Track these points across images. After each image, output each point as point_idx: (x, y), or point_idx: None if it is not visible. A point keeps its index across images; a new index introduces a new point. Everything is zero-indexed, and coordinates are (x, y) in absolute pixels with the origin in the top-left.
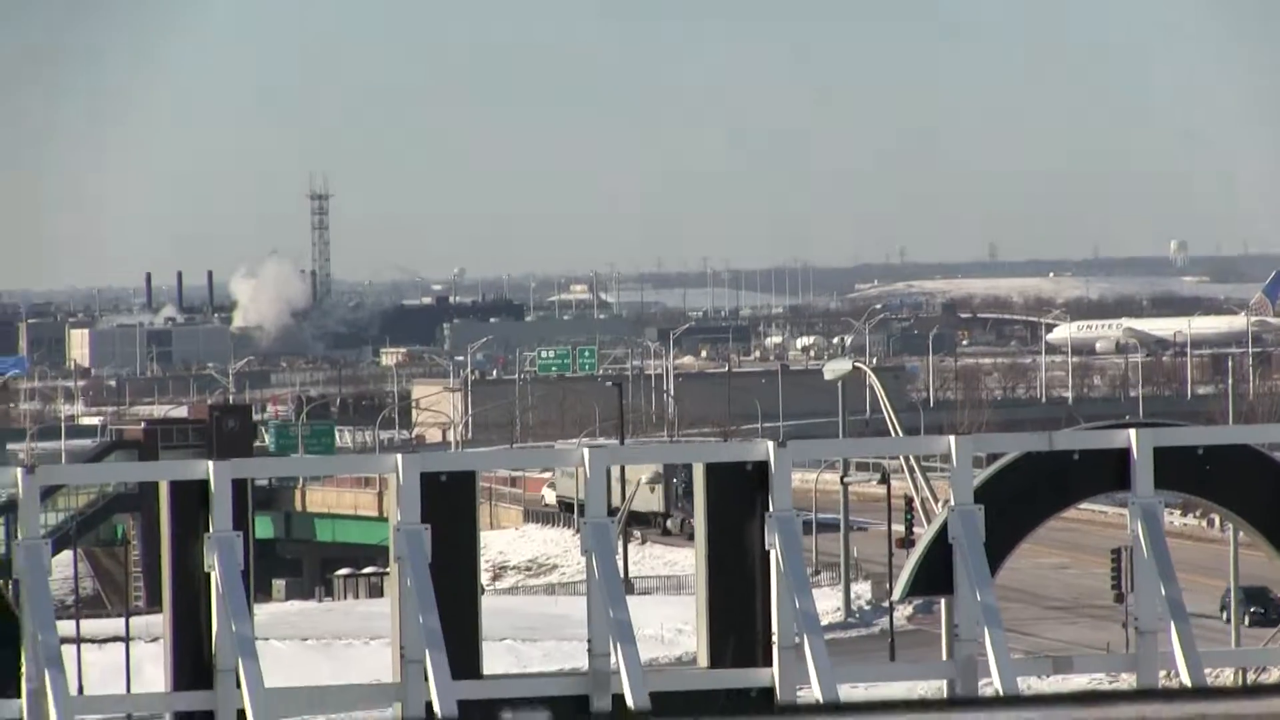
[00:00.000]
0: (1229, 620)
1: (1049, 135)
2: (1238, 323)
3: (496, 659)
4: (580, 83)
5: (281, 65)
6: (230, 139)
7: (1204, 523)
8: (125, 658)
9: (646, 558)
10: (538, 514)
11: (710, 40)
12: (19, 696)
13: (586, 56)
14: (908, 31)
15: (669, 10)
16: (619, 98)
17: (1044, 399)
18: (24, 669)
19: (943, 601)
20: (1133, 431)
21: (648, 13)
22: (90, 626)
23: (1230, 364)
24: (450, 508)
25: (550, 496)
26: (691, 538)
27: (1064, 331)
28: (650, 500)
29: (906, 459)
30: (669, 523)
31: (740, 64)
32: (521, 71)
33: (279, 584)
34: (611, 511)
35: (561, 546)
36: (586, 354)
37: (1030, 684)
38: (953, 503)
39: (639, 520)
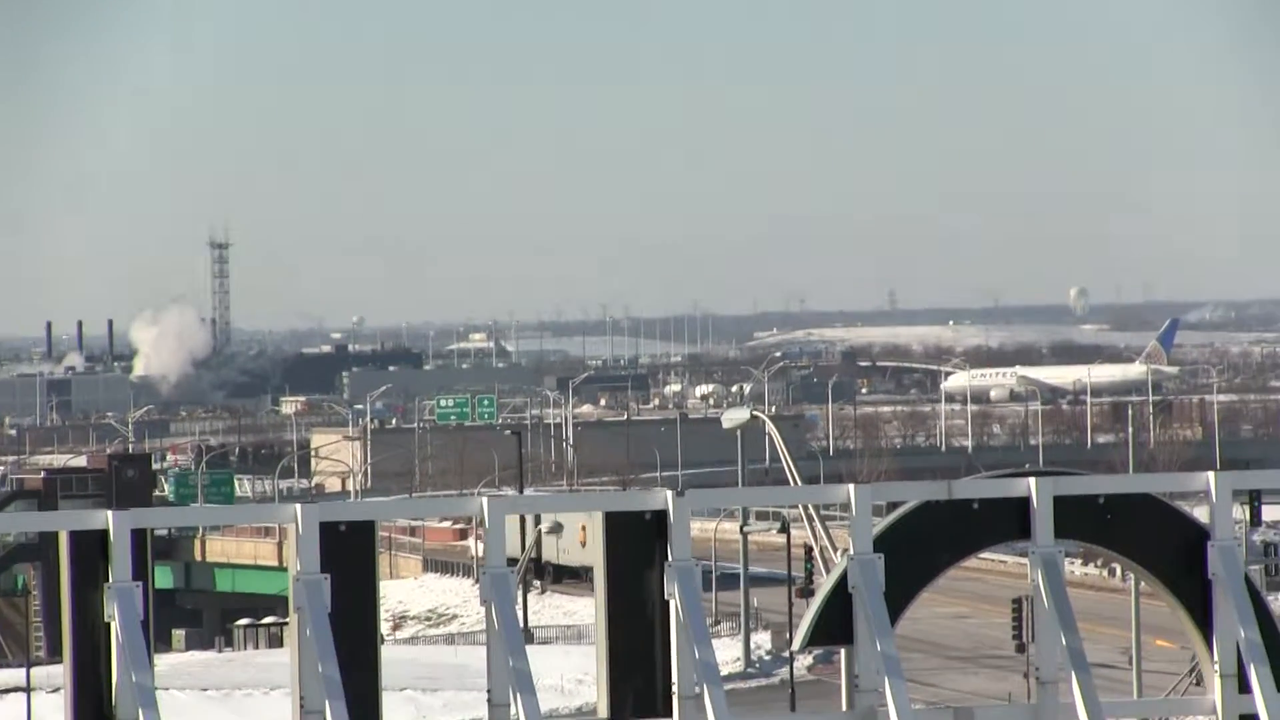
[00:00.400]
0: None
1: (950, 183)
2: (1133, 371)
3: (397, 709)
4: (482, 128)
5: (178, 111)
6: (130, 187)
7: (1105, 572)
8: (27, 708)
9: (546, 607)
10: (437, 563)
11: (612, 87)
12: None
13: (492, 101)
14: (813, 75)
15: (577, 53)
16: (521, 144)
17: (944, 447)
18: None
19: (843, 651)
20: (1033, 480)
21: (551, 56)
22: None
23: (1130, 412)
24: (350, 557)
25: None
26: None
27: (960, 380)
28: (586, 555)
29: (806, 508)
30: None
31: (637, 112)
32: (423, 116)
33: (179, 634)
34: (542, 565)
35: (461, 596)
36: (485, 403)
37: None
38: (852, 551)
39: (571, 575)
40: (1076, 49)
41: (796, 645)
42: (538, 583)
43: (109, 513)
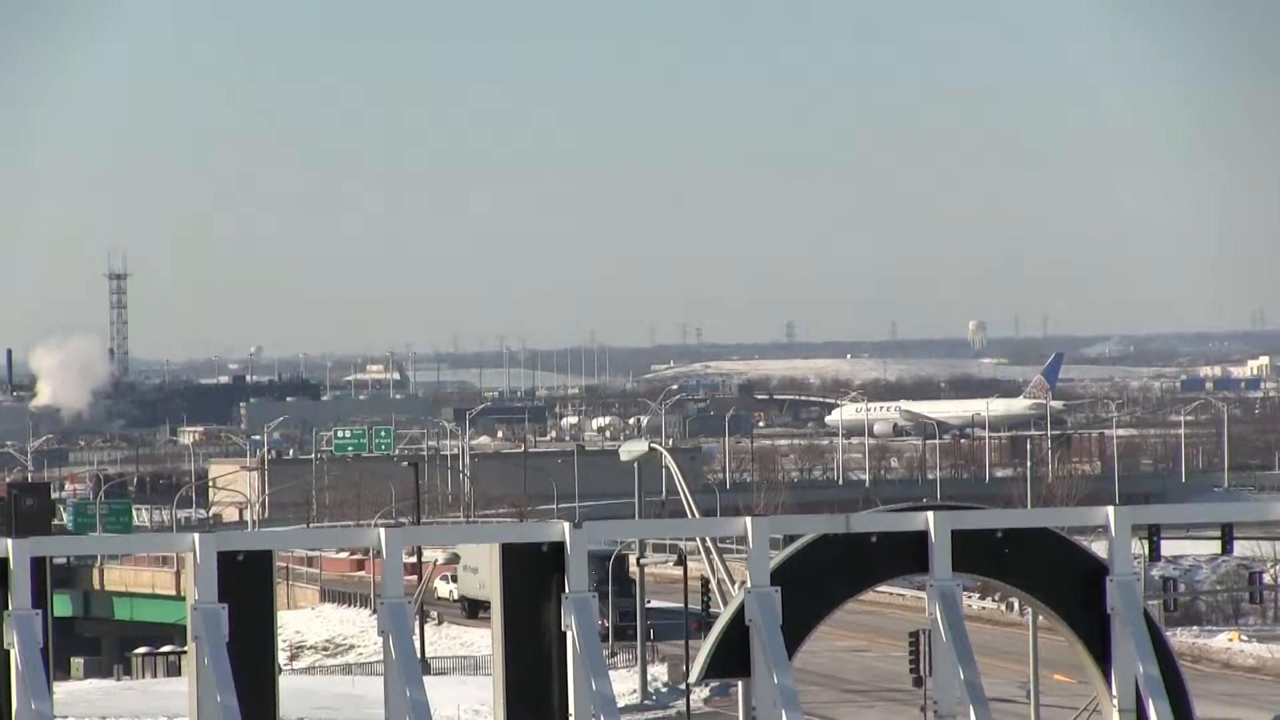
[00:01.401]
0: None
1: (848, 217)
2: (1017, 405)
3: None
4: (378, 159)
5: (72, 139)
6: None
7: (1003, 606)
8: None
9: (443, 638)
10: (334, 593)
11: (515, 115)
12: None
13: (391, 132)
14: (718, 107)
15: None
16: (419, 176)
17: (841, 481)
18: None
19: (740, 684)
20: (930, 514)
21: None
22: None
23: (1029, 447)
24: (248, 587)
25: (444, 590)
26: (603, 639)
27: (845, 413)
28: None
29: (703, 540)
30: None
31: (535, 144)
32: (317, 147)
33: (78, 662)
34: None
35: (358, 626)
36: (383, 434)
37: None
38: (749, 584)
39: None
40: (984, 80)
41: (694, 677)
42: (434, 613)
43: (9, 541)
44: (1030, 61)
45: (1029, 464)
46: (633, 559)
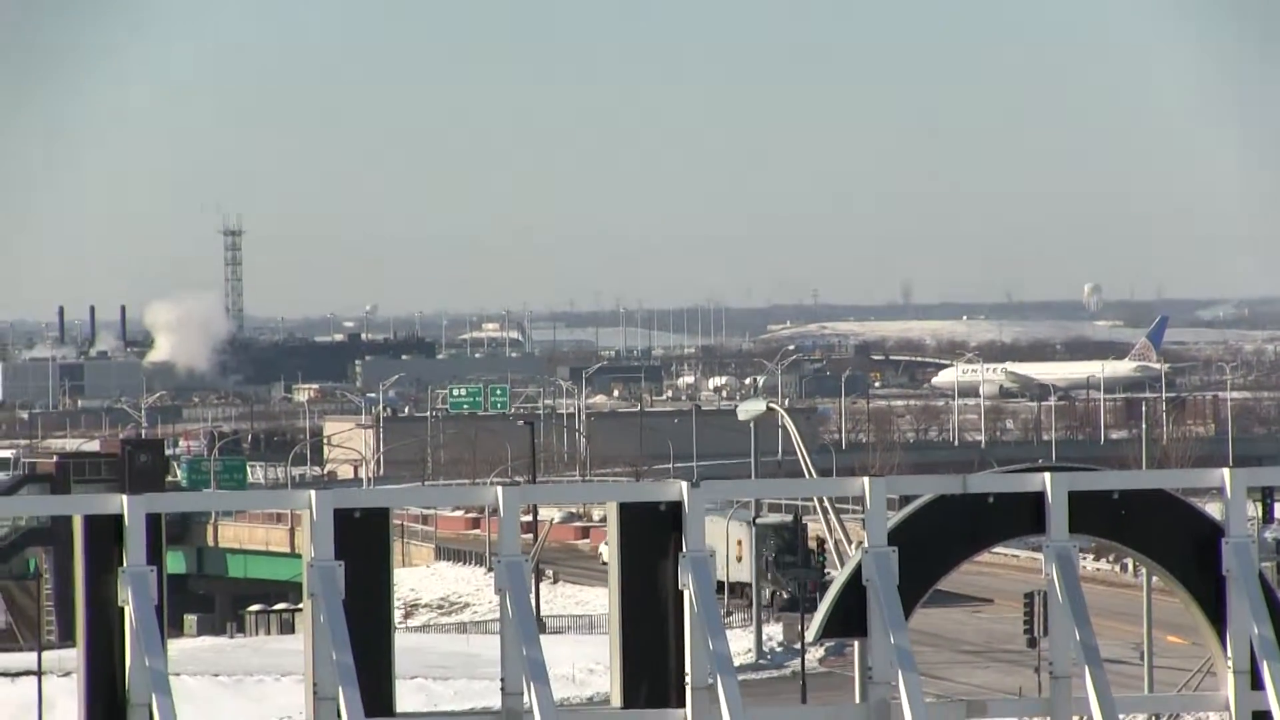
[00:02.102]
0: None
1: (964, 178)
2: (1122, 368)
3: (408, 697)
4: (490, 119)
5: (188, 101)
6: (141, 175)
7: (1117, 568)
8: (38, 692)
9: (558, 597)
10: (449, 551)
11: (622, 85)
12: None
13: (505, 98)
14: (823, 73)
15: (587, 52)
16: (525, 136)
17: (956, 442)
18: None
19: (855, 644)
20: (1047, 475)
21: (562, 56)
22: (3, 660)
23: (1144, 409)
24: (364, 544)
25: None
26: (783, 610)
27: (949, 375)
28: (739, 569)
29: (820, 500)
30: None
31: (647, 109)
32: (429, 107)
33: (191, 619)
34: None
35: (473, 585)
36: (498, 392)
37: None
38: (867, 545)
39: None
40: (1079, 47)
41: (811, 637)
42: (549, 571)
43: (124, 497)
44: (1147, 14)
45: (1144, 426)
46: (813, 528)
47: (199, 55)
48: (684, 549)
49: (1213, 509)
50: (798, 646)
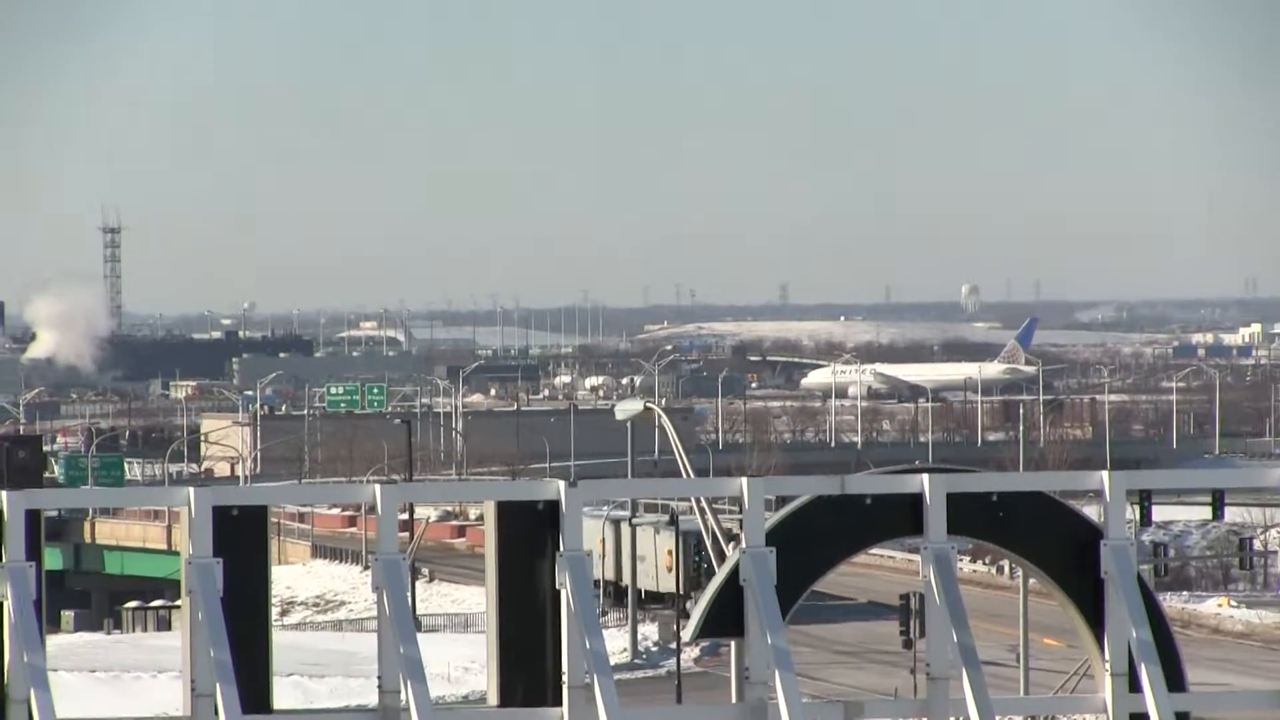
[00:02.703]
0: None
1: (843, 179)
2: (990, 370)
3: (284, 694)
4: (366, 117)
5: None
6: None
7: (994, 569)
8: None
9: (434, 595)
10: (326, 549)
11: (506, 71)
12: None
13: (378, 89)
14: (712, 74)
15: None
16: (419, 135)
17: (833, 443)
18: None
19: (732, 644)
20: (926, 477)
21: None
22: None
23: (1021, 411)
24: (242, 542)
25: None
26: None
27: (819, 376)
28: (666, 579)
29: (697, 500)
30: (688, 605)
31: (539, 107)
32: (303, 105)
33: (68, 615)
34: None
35: (350, 583)
36: (375, 391)
37: None
38: (744, 545)
39: (653, 599)
40: (954, 48)
41: (688, 636)
42: (425, 569)
43: (3, 493)
44: (1030, 25)
45: (1021, 428)
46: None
47: (70, 49)
48: (561, 548)
49: (1091, 511)
50: (673, 646)
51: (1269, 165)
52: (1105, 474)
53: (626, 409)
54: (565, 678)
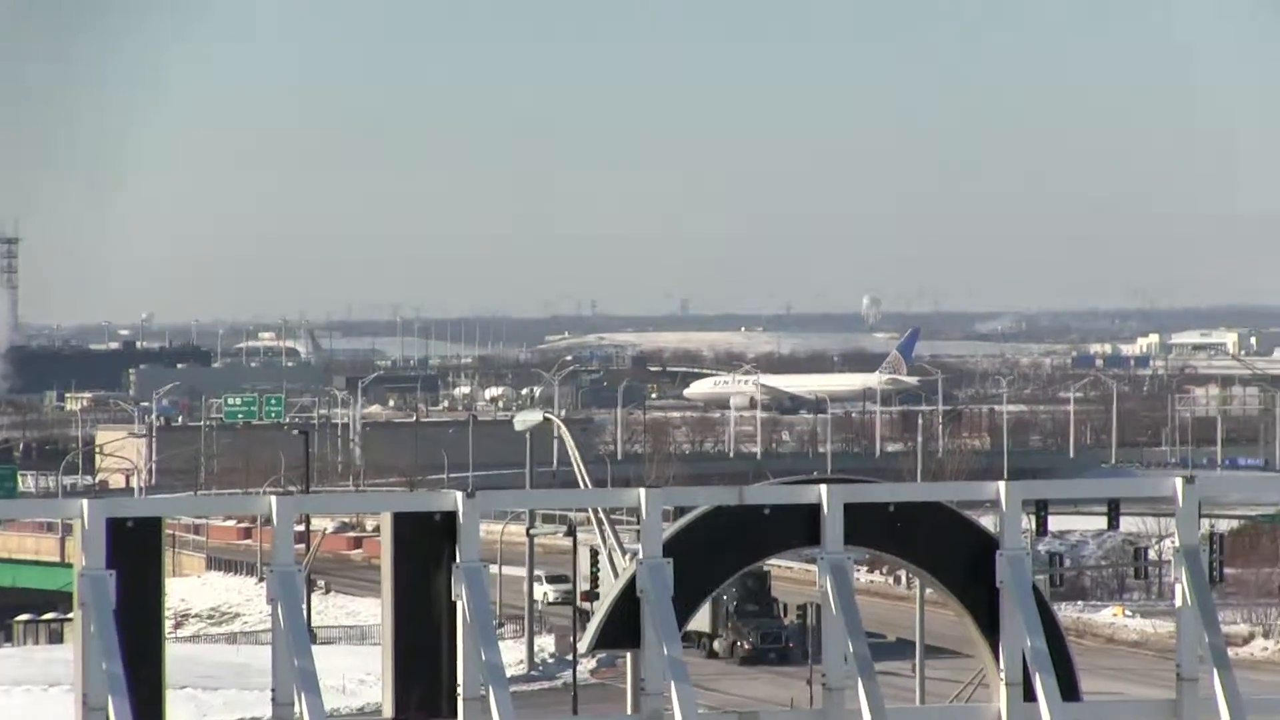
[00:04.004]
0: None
1: (744, 190)
2: (872, 379)
3: (178, 707)
4: (267, 122)
5: None
6: None
7: (890, 580)
8: None
9: (330, 607)
10: (221, 561)
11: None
12: None
13: (277, 95)
14: (605, 77)
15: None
16: (305, 135)
17: (732, 453)
18: None
19: (629, 655)
20: (823, 487)
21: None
22: None
23: (920, 421)
24: (136, 554)
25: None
26: (744, 662)
27: (703, 386)
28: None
29: (594, 511)
30: (716, 644)
31: (431, 98)
32: (203, 113)
33: None
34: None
35: (245, 595)
36: (273, 401)
37: None
38: (641, 556)
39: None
40: (859, 57)
41: (584, 648)
42: (321, 581)
43: None
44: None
45: (919, 439)
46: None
47: None
48: (458, 559)
49: (988, 521)
50: (569, 658)
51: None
52: (1002, 484)
53: (525, 420)
54: (461, 690)
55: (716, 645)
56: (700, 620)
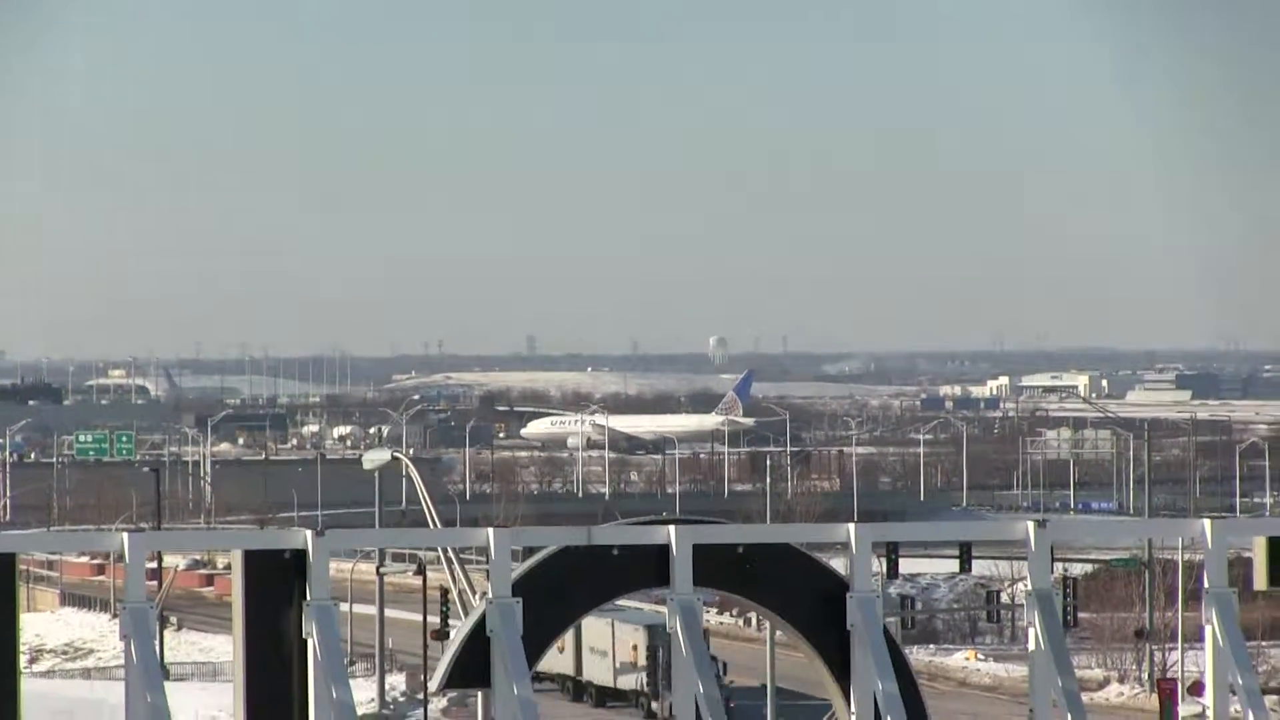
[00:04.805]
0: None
1: (591, 229)
2: (709, 421)
3: None
4: (119, 159)
5: None
6: None
7: (741, 621)
8: None
9: (183, 644)
10: (75, 598)
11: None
12: None
13: (134, 133)
14: (432, 117)
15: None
16: (150, 178)
17: (581, 494)
18: None
19: (480, 694)
20: (672, 528)
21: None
22: None
23: (769, 462)
24: None
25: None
26: None
27: (540, 426)
28: (627, 676)
29: (444, 550)
30: (655, 705)
31: (281, 148)
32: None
33: None
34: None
35: (98, 631)
36: (124, 439)
37: None
38: (491, 595)
39: (616, 695)
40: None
41: (434, 687)
42: (174, 618)
43: None
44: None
45: (768, 480)
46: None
47: None
48: (308, 597)
49: (838, 564)
50: (420, 697)
51: (1011, 221)
52: (852, 526)
53: (374, 459)
54: None
55: (655, 706)
56: (636, 680)
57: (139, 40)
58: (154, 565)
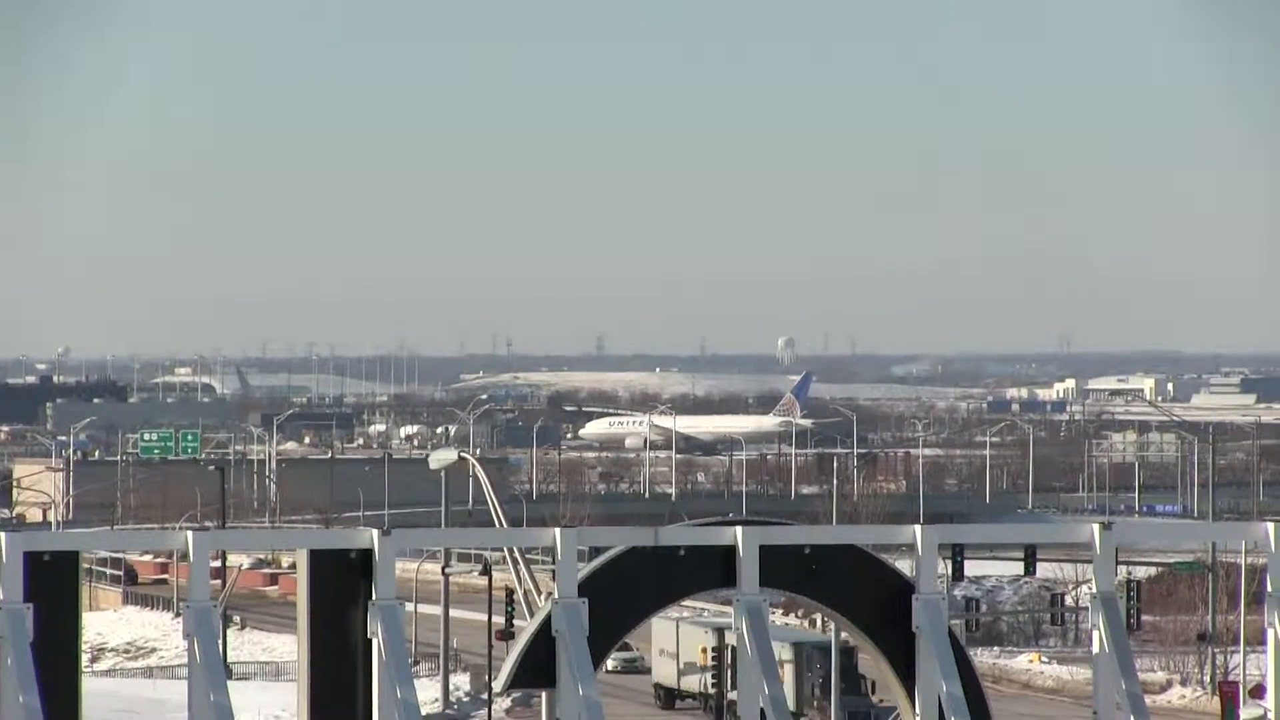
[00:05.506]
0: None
1: (661, 231)
2: (767, 423)
3: None
4: (182, 159)
5: None
6: None
7: (805, 623)
8: None
9: (246, 643)
10: (138, 596)
11: (318, 118)
12: None
13: (205, 138)
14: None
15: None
16: (219, 179)
17: (647, 494)
18: None
19: (544, 694)
20: (739, 529)
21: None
22: None
23: (835, 464)
24: (54, 588)
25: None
26: None
27: (598, 426)
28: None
29: (510, 550)
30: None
31: (346, 153)
32: (119, 142)
33: None
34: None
35: (161, 630)
36: (189, 437)
37: None
38: (556, 595)
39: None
40: (762, 102)
41: (499, 687)
42: (237, 617)
43: None
44: (814, 79)
45: (834, 481)
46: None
47: None
48: (374, 597)
49: (904, 565)
50: (485, 696)
51: (1079, 224)
52: (918, 528)
53: (441, 458)
54: None
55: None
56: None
57: (206, 48)
58: (218, 564)
